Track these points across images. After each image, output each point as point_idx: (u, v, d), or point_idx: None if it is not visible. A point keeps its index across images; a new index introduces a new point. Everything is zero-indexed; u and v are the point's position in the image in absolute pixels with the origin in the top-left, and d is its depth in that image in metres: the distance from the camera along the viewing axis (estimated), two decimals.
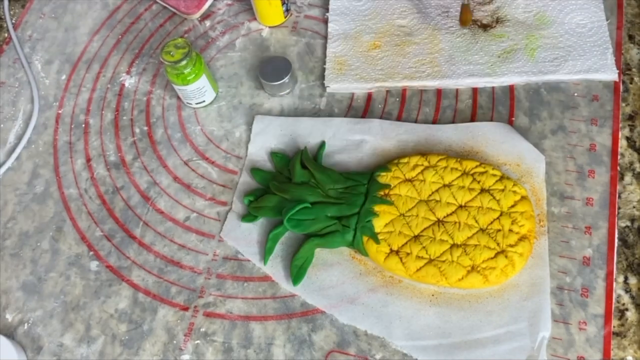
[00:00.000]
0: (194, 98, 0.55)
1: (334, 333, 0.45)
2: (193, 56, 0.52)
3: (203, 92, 0.55)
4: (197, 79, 0.53)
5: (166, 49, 0.52)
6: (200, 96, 0.55)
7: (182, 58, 0.51)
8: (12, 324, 0.49)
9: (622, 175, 0.49)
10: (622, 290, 0.44)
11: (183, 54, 0.51)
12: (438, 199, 0.47)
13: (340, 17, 0.60)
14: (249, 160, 0.53)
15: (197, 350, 0.46)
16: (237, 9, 0.64)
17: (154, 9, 0.65)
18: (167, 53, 0.52)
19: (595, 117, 0.51)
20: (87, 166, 0.56)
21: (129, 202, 0.53)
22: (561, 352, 0.42)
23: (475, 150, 0.50)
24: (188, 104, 0.57)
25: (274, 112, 0.56)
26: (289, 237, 0.49)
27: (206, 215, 0.52)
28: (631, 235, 0.46)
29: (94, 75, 0.61)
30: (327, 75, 0.56)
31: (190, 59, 0.52)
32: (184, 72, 0.52)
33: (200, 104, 0.56)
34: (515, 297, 0.44)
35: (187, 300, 0.48)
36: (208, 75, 0.55)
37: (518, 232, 0.44)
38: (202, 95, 0.55)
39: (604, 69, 0.52)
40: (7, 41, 0.65)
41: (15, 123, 0.59)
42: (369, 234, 0.46)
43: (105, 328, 0.48)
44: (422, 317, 0.44)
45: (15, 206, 0.54)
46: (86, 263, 0.51)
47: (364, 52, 0.57)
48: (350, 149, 0.52)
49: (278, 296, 0.47)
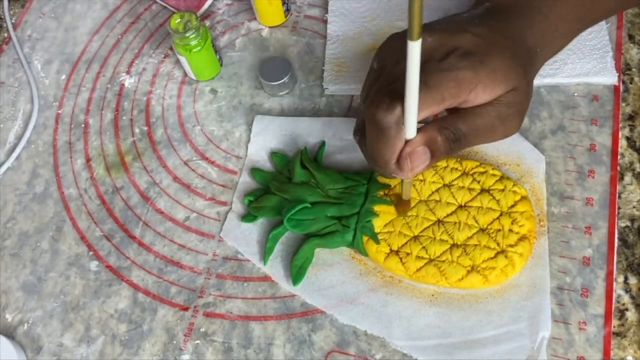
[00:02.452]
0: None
1: (334, 333, 0.45)
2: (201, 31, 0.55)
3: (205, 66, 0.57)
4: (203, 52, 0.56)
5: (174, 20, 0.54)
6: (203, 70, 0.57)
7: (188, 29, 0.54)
8: (12, 324, 0.49)
9: (622, 175, 0.49)
10: (622, 290, 0.44)
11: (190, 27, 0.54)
12: (438, 199, 0.47)
13: (340, 18, 0.60)
14: (249, 160, 0.53)
15: (197, 350, 0.46)
16: (237, 8, 0.64)
17: (154, 8, 0.65)
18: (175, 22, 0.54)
19: (595, 117, 0.51)
20: (87, 166, 0.56)
21: (129, 202, 0.53)
22: (561, 352, 0.42)
23: (475, 150, 0.50)
24: None
25: (274, 112, 0.56)
26: (289, 237, 0.49)
27: (206, 215, 0.52)
28: (631, 235, 0.46)
29: (93, 75, 0.61)
30: (326, 77, 0.56)
31: (198, 33, 0.54)
32: (190, 44, 0.54)
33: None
34: (515, 297, 0.44)
35: (187, 300, 0.48)
36: (208, 55, 0.56)
37: (518, 232, 0.44)
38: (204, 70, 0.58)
39: (603, 72, 0.52)
40: (7, 41, 0.65)
41: (15, 123, 0.59)
42: (369, 234, 0.46)
43: (105, 328, 0.48)
44: (422, 317, 0.44)
45: (15, 206, 0.54)
46: (86, 263, 0.51)
47: (363, 54, 0.57)
48: (350, 149, 0.52)
49: (278, 296, 0.47)
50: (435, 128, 0.38)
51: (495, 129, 0.39)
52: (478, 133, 0.39)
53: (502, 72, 0.38)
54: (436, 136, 0.38)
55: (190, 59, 0.55)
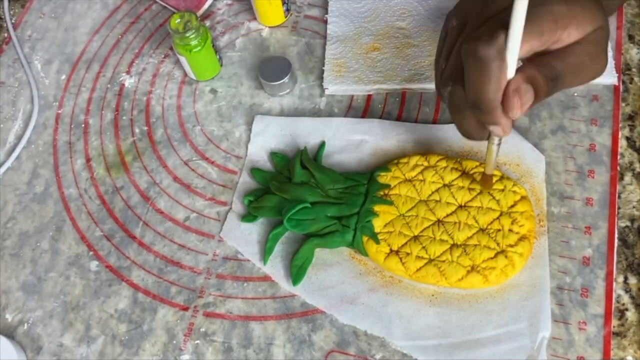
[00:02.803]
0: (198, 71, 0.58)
1: (334, 333, 0.45)
2: (201, 31, 0.55)
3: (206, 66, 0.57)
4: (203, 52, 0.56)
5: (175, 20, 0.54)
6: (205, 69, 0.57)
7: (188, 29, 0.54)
8: (12, 324, 0.49)
9: (622, 175, 0.49)
10: (622, 290, 0.44)
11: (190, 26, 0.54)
12: (438, 199, 0.47)
13: (340, 18, 0.60)
14: (249, 160, 0.53)
15: (197, 350, 0.46)
16: (237, 8, 0.64)
17: (153, 8, 0.65)
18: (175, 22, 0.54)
19: (595, 117, 0.51)
20: (87, 166, 0.56)
21: (129, 202, 0.53)
22: (561, 352, 0.42)
23: (475, 150, 0.50)
24: None
25: (274, 112, 0.56)
26: (289, 237, 0.49)
27: (206, 215, 0.52)
28: (631, 235, 0.46)
29: (93, 75, 0.61)
30: (326, 77, 0.56)
31: (198, 33, 0.54)
32: (190, 44, 0.54)
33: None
34: (515, 297, 0.44)
35: (187, 300, 0.48)
36: (208, 55, 0.56)
37: (518, 232, 0.44)
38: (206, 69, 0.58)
39: (604, 72, 0.52)
40: (7, 41, 0.65)
41: (15, 123, 0.59)
42: (369, 234, 0.46)
43: (105, 328, 0.48)
44: (422, 317, 0.44)
45: (15, 206, 0.54)
46: (86, 263, 0.51)
47: (363, 54, 0.57)
48: (350, 149, 0.52)
49: (278, 296, 0.47)
50: (532, 67, 0.38)
51: (586, 67, 0.39)
52: (572, 71, 0.39)
53: (590, 10, 0.38)
54: (536, 74, 0.37)
55: (190, 59, 0.56)
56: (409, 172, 0.48)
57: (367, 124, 0.53)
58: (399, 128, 0.52)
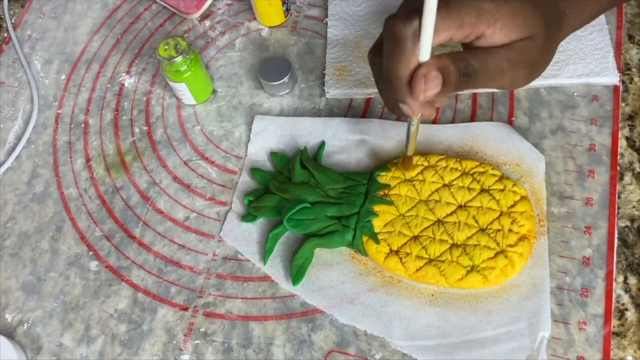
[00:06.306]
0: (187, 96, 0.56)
1: (334, 333, 0.45)
2: (190, 54, 0.53)
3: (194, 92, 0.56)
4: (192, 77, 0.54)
5: (164, 44, 0.53)
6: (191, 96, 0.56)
7: (176, 55, 0.52)
8: (12, 324, 0.49)
9: (621, 175, 0.49)
10: (622, 290, 0.44)
11: (178, 50, 0.52)
12: (438, 198, 0.47)
13: (340, 22, 0.60)
14: (249, 160, 0.53)
15: (196, 350, 0.46)
16: (237, 8, 0.64)
17: (153, 8, 0.65)
18: (164, 49, 0.52)
19: (595, 117, 0.51)
20: (87, 166, 0.56)
21: (129, 202, 0.53)
22: (561, 352, 0.42)
23: (475, 150, 0.50)
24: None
25: (274, 112, 0.56)
26: (289, 237, 0.49)
27: (206, 215, 0.52)
28: (631, 235, 0.46)
29: (93, 75, 0.61)
30: (327, 81, 0.56)
31: (185, 58, 0.52)
32: (180, 70, 0.53)
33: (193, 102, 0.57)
34: (515, 297, 0.44)
35: (186, 300, 0.48)
36: (201, 76, 0.55)
37: (518, 232, 0.44)
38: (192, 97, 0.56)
39: (605, 72, 0.52)
40: (7, 41, 0.65)
41: (15, 123, 0.59)
42: (369, 234, 0.46)
43: (104, 328, 0.48)
44: (421, 317, 0.44)
45: (15, 206, 0.54)
46: (86, 263, 0.51)
47: (364, 57, 0.57)
48: (350, 149, 0.52)
49: (278, 296, 0.47)
50: (448, 57, 0.38)
51: (503, 73, 0.39)
52: (488, 73, 0.39)
53: (522, 16, 0.38)
54: (449, 65, 0.38)
55: (188, 84, 0.54)
56: (409, 172, 0.48)
57: (366, 123, 0.53)
58: (399, 128, 0.52)
